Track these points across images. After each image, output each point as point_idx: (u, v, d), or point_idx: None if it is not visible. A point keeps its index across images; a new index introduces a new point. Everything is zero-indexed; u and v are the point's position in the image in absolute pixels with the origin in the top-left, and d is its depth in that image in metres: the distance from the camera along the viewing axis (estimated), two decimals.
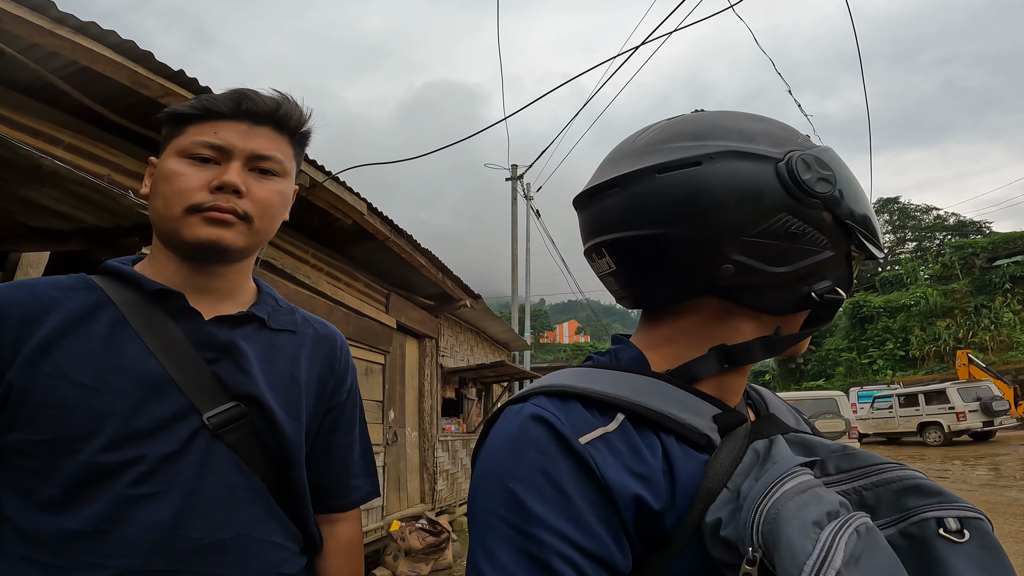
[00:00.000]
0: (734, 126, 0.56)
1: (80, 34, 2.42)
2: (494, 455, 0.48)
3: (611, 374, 0.53)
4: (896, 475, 0.48)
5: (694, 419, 0.52)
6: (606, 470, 0.45)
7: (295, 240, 4.59)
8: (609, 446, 0.47)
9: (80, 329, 0.74)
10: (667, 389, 0.53)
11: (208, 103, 0.81)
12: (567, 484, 0.45)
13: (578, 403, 0.49)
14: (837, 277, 0.57)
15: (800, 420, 0.67)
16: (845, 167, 0.58)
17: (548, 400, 0.49)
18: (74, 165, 2.48)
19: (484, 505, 0.46)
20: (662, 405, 0.51)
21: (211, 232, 0.77)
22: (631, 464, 0.47)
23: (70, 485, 0.69)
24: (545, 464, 0.45)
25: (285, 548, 0.81)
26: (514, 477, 0.45)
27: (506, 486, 0.45)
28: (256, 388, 0.79)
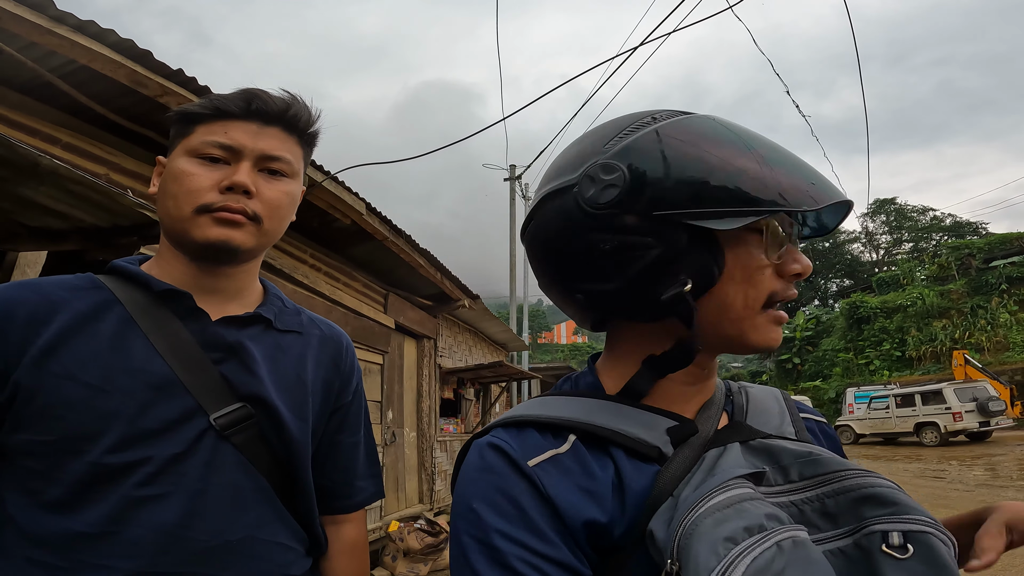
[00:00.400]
0: (558, 163, 0.60)
1: (79, 33, 2.41)
2: (461, 482, 0.54)
3: (567, 400, 0.57)
4: (855, 483, 0.46)
5: (644, 433, 0.54)
6: (551, 488, 0.49)
7: (293, 240, 4.58)
8: (557, 466, 0.51)
9: (87, 329, 0.73)
10: (618, 408, 0.56)
11: (218, 103, 0.81)
12: (522, 500, 0.49)
13: (533, 430, 0.54)
14: (692, 267, 0.52)
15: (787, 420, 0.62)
16: (657, 144, 0.53)
17: (504, 430, 0.54)
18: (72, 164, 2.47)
19: (456, 525, 0.51)
20: (611, 423, 0.54)
21: (221, 232, 0.77)
22: (579, 481, 0.51)
23: (76, 486, 0.68)
24: (501, 484, 0.50)
25: (291, 549, 0.80)
26: (476, 497, 0.51)
27: (471, 506, 0.50)
28: (263, 389, 0.79)
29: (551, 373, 16.24)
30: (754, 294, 0.54)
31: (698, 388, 0.60)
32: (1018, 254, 26.50)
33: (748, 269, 0.54)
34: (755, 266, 0.54)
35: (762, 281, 0.54)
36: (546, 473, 0.50)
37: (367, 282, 5.82)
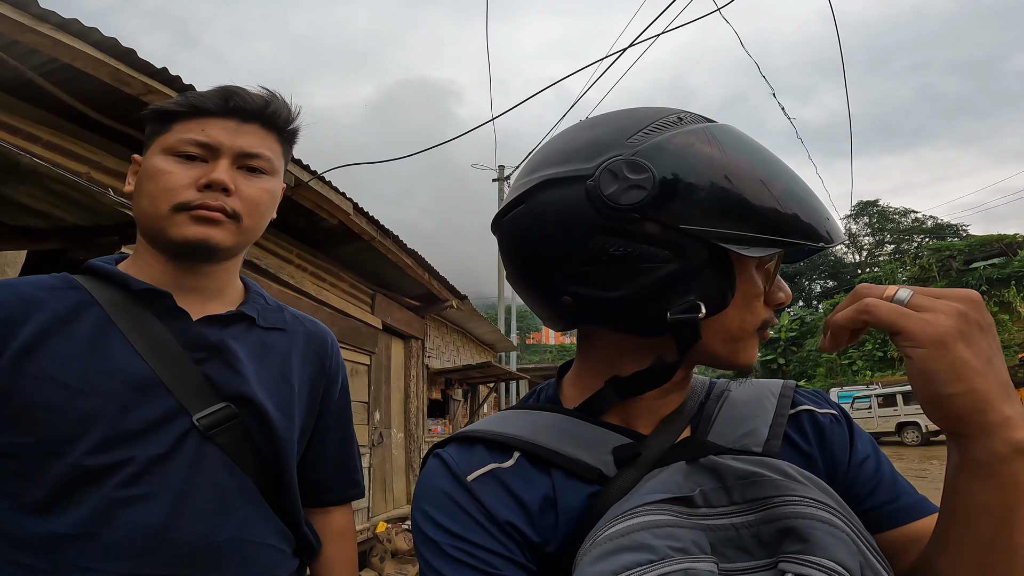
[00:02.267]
0: (561, 147, 0.54)
1: (61, 31, 2.39)
2: (417, 489, 0.57)
3: (521, 415, 0.59)
4: (782, 511, 0.44)
5: (585, 453, 0.54)
6: (486, 500, 0.52)
7: (279, 240, 4.55)
8: (496, 480, 0.53)
9: (65, 330, 0.72)
10: (569, 425, 0.57)
11: (195, 100, 0.80)
12: (465, 504, 0.53)
13: (482, 446, 0.56)
14: (704, 288, 0.50)
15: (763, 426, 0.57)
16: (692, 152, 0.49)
17: (455, 445, 0.57)
18: (53, 163, 2.44)
19: (414, 527, 0.55)
20: (554, 443, 0.55)
21: (199, 231, 0.76)
22: (516, 494, 0.53)
23: (56, 488, 0.68)
24: (447, 489, 0.54)
25: (278, 550, 0.80)
26: (427, 502, 0.54)
27: (423, 509, 0.54)
28: (248, 388, 0.78)
29: (539, 374, 16.24)
30: (751, 319, 0.53)
31: (665, 401, 0.59)
32: (998, 256, 27.00)
33: (748, 296, 0.53)
34: (754, 293, 0.53)
35: (758, 308, 0.54)
36: (482, 485, 0.53)
37: (354, 282, 5.79)
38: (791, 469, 0.48)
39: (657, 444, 0.55)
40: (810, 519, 0.42)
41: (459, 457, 0.55)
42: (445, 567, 0.50)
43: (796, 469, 0.48)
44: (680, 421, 0.58)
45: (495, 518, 0.52)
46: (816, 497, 0.44)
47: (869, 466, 0.58)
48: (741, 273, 0.52)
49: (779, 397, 0.60)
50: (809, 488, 0.46)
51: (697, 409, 0.60)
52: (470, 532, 0.51)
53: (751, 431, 0.57)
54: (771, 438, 0.56)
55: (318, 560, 0.91)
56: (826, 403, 0.62)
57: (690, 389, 0.62)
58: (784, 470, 0.48)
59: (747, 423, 0.58)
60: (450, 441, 0.58)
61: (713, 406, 0.60)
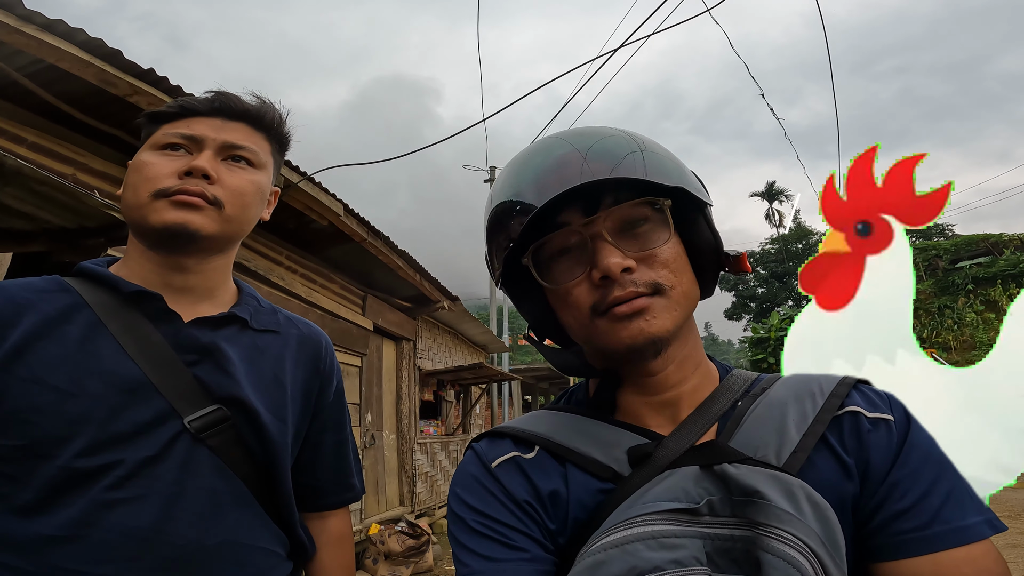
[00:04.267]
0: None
1: (46, 32, 2.37)
2: (453, 477, 0.64)
3: (547, 415, 0.64)
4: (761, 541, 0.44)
5: (599, 452, 0.58)
6: (507, 482, 0.59)
7: (269, 241, 4.53)
8: (516, 466, 0.59)
9: (54, 332, 0.72)
10: (587, 425, 0.61)
11: (184, 102, 0.82)
12: (489, 486, 0.59)
13: (510, 439, 0.62)
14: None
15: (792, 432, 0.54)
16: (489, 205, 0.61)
17: (487, 439, 0.64)
18: (38, 164, 2.42)
19: (448, 509, 0.61)
20: (570, 440, 0.59)
21: (178, 216, 0.75)
22: (533, 481, 0.58)
23: (45, 490, 0.67)
24: (476, 474, 0.61)
25: (272, 554, 0.79)
26: (459, 485, 0.62)
27: (455, 492, 0.61)
28: (240, 390, 0.78)
29: (531, 375, 16.25)
30: (576, 314, 0.57)
31: (665, 399, 0.59)
32: (984, 255, 27.34)
33: (557, 296, 0.59)
34: (562, 292, 0.57)
35: (575, 300, 0.56)
36: (504, 470, 0.59)
37: (345, 284, 5.77)
38: (799, 491, 0.47)
39: (674, 445, 0.55)
40: (777, 556, 0.43)
41: (488, 448, 0.62)
42: (470, 540, 0.56)
43: (805, 491, 0.47)
44: (703, 421, 0.57)
45: (514, 497, 0.57)
46: (799, 534, 0.44)
47: (913, 484, 0.51)
48: (547, 286, 0.59)
49: (828, 397, 0.56)
50: (799, 523, 0.45)
51: (729, 408, 0.58)
52: (492, 509, 0.57)
53: (781, 437, 0.53)
54: (798, 449, 0.52)
55: (315, 566, 0.90)
56: (884, 406, 0.56)
57: (721, 383, 0.61)
58: (791, 491, 0.47)
59: (778, 428, 0.54)
60: (483, 437, 0.65)
61: (748, 405, 0.57)
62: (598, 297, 0.54)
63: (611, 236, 0.54)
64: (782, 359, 2.16)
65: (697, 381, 0.60)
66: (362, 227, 4.84)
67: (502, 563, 0.54)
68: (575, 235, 0.55)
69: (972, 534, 0.49)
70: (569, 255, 0.56)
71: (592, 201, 0.55)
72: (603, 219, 0.54)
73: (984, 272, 25.90)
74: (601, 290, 0.54)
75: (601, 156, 0.53)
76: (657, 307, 0.54)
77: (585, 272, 0.55)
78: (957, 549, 0.48)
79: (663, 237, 0.56)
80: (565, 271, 0.56)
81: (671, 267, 0.56)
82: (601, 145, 0.54)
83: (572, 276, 0.56)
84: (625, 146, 0.55)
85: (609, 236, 0.54)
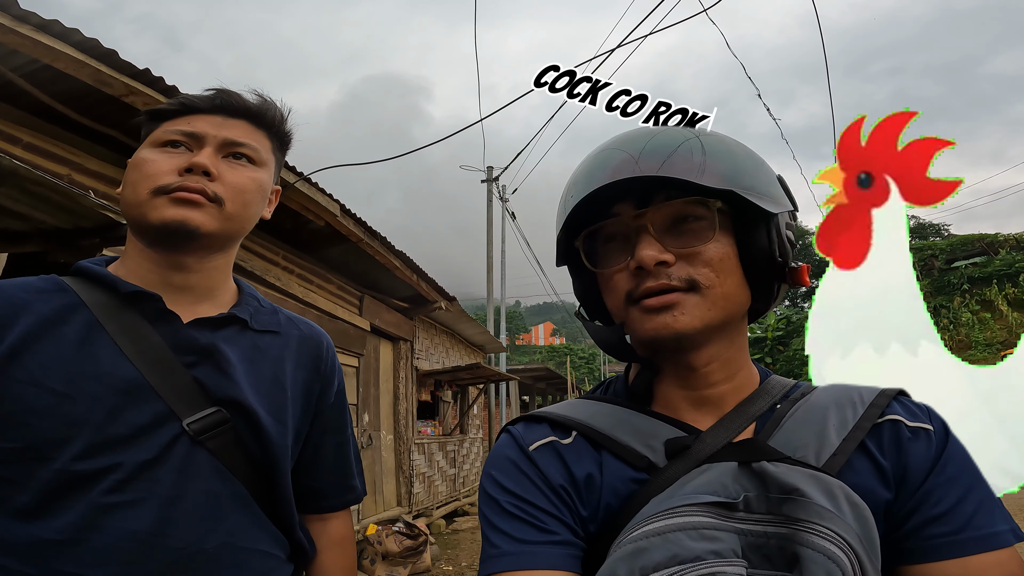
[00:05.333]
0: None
1: (42, 32, 2.36)
2: (488, 459, 0.64)
3: (586, 403, 0.65)
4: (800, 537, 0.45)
5: (635, 441, 0.59)
6: (543, 466, 0.59)
7: (265, 241, 4.53)
8: (552, 451, 0.60)
9: (51, 333, 0.71)
10: (625, 415, 0.62)
11: (184, 99, 0.81)
12: (526, 469, 0.59)
13: (547, 424, 0.63)
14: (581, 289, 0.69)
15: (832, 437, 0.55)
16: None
17: (522, 423, 0.64)
18: (33, 164, 2.41)
19: (480, 491, 0.62)
20: (607, 428, 0.60)
21: (177, 212, 0.75)
22: (569, 466, 0.59)
23: (44, 493, 0.66)
24: (512, 457, 0.61)
25: (272, 556, 0.79)
26: (494, 467, 0.62)
27: (489, 474, 0.61)
28: (239, 392, 0.77)
29: (529, 375, 16.25)
30: (615, 299, 0.61)
31: (704, 395, 0.60)
32: (979, 255, 27.46)
33: (604, 280, 0.62)
34: (607, 276, 0.61)
35: (616, 286, 0.60)
36: (541, 454, 0.60)
37: (342, 284, 5.77)
38: (839, 491, 0.48)
39: (711, 441, 0.56)
40: (817, 551, 0.44)
41: (525, 431, 0.62)
42: (501, 521, 0.57)
43: (845, 491, 0.48)
44: (741, 420, 0.59)
45: (550, 482, 0.58)
46: (839, 530, 0.45)
47: (948, 492, 0.53)
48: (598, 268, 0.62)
49: (868, 406, 0.57)
50: (837, 519, 0.46)
51: (767, 410, 0.60)
52: (527, 492, 0.57)
53: (821, 440, 0.55)
54: (838, 452, 0.53)
55: (315, 568, 0.90)
56: (924, 417, 0.58)
57: (761, 385, 0.63)
58: (831, 491, 0.48)
59: (819, 431, 0.55)
60: (520, 420, 0.65)
61: (787, 409, 0.59)
62: (633, 286, 0.57)
63: (655, 230, 0.57)
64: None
65: (740, 382, 0.62)
66: (359, 227, 4.83)
67: (533, 545, 0.55)
68: (624, 225, 0.59)
69: (1000, 540, 0.51)
70: (616, 243, 0.60)
71: (645, 195, 0.58)
72: (651, 213, 0.57)
73: (980, 272, 25.99)
74: (637, 279, 0.57)
75: (655, 154, 0.56)
76: (688, 303, 0.55)
77: (626, 261, 0.58)
78: (986, 554, 0.50)
79: (707, 236, 0.57)
80: (610, 258, 0.61)
81: (714, 266, 0.57)
82: (657, 142, 0.57)
83: (615, 263, 0.60)
84: (685, 146, 0.56)
85: (653, 229, 0.57)
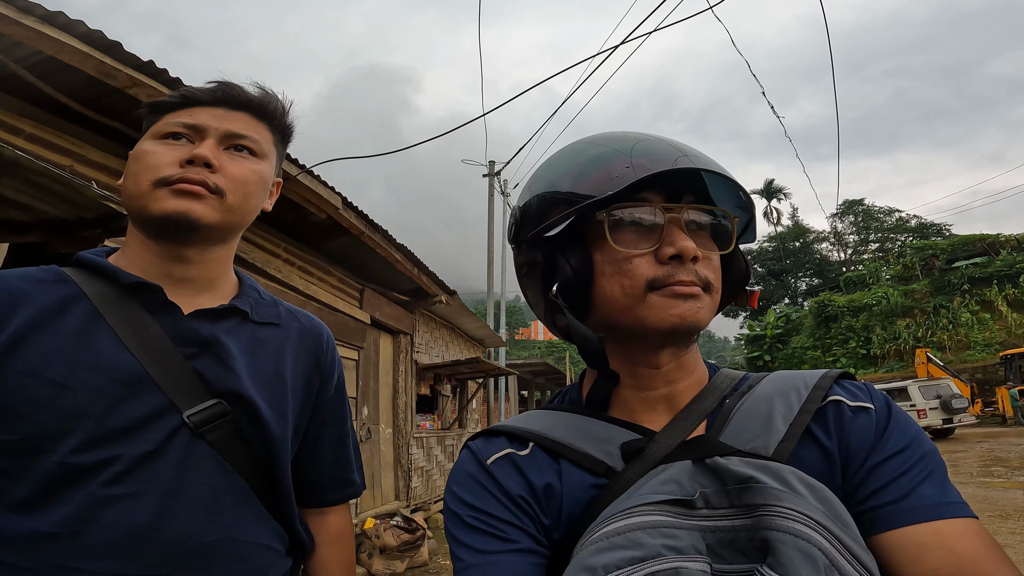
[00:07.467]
0: None
1: (46, 23, 2.36)
2: (449, 476, 0.65)
3: (541, 414, 0.66)
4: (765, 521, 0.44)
5: (592, 448, 0.59)
6: (501, 478, 0.60)
7: (266, 233, 4.53)
8: (511, 462, 0.61)
9: (51, 324, 0.71)
10: (580, 422, 0.63)
11: (186, 91, 0.81)
12: (484, 482, 0.61)
13: (504, 437, 0.64)
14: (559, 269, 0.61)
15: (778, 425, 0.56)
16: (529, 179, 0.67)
17: (482, 438, 0.65)
18: (36, 155, 2.42)
19: (444, 507, 0.63)
20: (564, 437, 0.61)
21: (179, 204, 0.74)
22: (528, 476, 0.60)
23: (42, 485, 0.66)
24: (471, 471, 0.62)
25: (271, 550, 0.79)
26: (455, 483, 0.63)
27: (451, 489, 0.63)
28: (240, 384, 0.77)
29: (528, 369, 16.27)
30: (628, 283, 0.57)
31: (659, 395, 0.62)
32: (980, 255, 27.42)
33: (616, 262, 0.58)
34: (622, 258, 0.58)
35: (634, 270, 0.57)
36: (499, 466, 0.61)
37: (342, 277, 5.78)
38: (791, 476, 0.48)
39: (666, 441, 0.57)
40: (784, 532, 0.43)
41: (483, 446, 0.64)
42: (463, 534, 0.58)
43: (798, 476, 0.49)
44: (693, 418, 0.60)
45: (509, 493, 0.59)
46: (802, 509, 0.45)
47: (893, 463, 0.53)
48: (601, 247, 0.60)
49: (812, 389, 0.58)
50: (800, 499, 0.46)
51: (717, 405, 0.61)
52: (487, 504, 0.59)
53: (767, 429, 0.56)
54: (786, 439, 0.54)
55: (314, 562, 0.90)
56: (865, 396, 0.58)
57: (708, 382, 0.64)
58: (783, 477, 0.48)
59: (765, 421, 0.56)
60: (479, 435, 0.66)
61: (735, 402, 0.60)
62: (661, 273, 0.57)
63: (685, 226, 0.59)
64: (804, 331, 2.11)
65: (693, 380, 0.63)
66: (360, 220, 4.84)
67: (495, 555, 0.55)
68: (652, 213, 0.59)
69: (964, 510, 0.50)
70: (638, 229, 0.59)
71: (674, 192, 0.60)
72: (684, 208, 0.59)
73: (980, 272, 25.94)
74: (666, 267, 0.57)
75: (700, 159, 0.59)
76: (704, 301, 0.58)
77: (652, 248, 0.58)
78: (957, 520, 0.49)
79: (722, 246, 0.61)
80: (630, 241, 0.58)
81: (717, 274, 0.60)
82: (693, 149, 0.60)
83: (637, 248, 0.58)
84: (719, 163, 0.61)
85: (684, 225, 0.59)
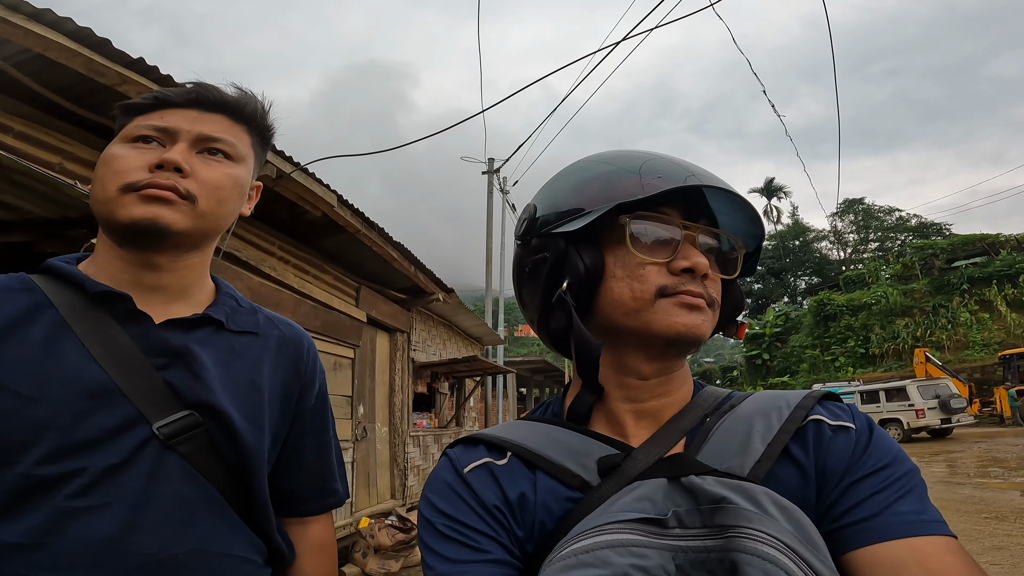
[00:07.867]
0: None
1: (34, 21, 2.34)
2: (425, 483, 0.65)
3: (522, 424, 0.66)
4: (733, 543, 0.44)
5: (569, 461, 0.59)
6: (477, 487, 0.60)
7: (261, 232, 4.51)
8: (487, 471, 0.60)
9: (16, 334, 0.69)
10: (559, 434, 0.63)
11: (159, 93, 0.79)
12: (460, 491, 0.60)
13: (483, 446, 0.63)
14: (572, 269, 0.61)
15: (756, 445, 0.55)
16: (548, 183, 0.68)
17: (461, 446, 0.65)
18: (24, 153, 2.39)
19: (418, 515, 0.63)
20: (541, 448, 0.61)
21: (147, 211, 0.72)
22: (503, 486, 0.59)
23: (6, 497, 0.65)
24: (448, 480, 0.62)
25: (248, 561, 0.78)
26: (431, 490, 0.62)
27: (426, 497, 0.62)
28: (212, 395, 0.75)
29: (526, 367, 16.28)
30: (639, 287, 0.59)
31: (645, 408, 0.62)
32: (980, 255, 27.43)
33: (629, 266, 0.60)
34: (635, 263, 0.60)
35: (646, 276, 0.59)
36: (476, 475, 0.60)
37: (338, 275, 5.76)
38: (764, 497, 0.48)
39: (643, 457, 0.57)
40: (751, 554, 0.43)
41: (461, 454, 0.63)
42: (436, 543, 0.58)
43: (771, 497, 0.48)
44: (672, 435, 0.60)
45: (484, 503, 0.58)
46: (772, 532, 0.44)
47: (871, 481, 0.53)
48: (615, 249, 0.61)
49: (793, 409, 0.58)
50: (771, 521, 0.45)
51: (698, 423, 0.61)
52: (461, 514, 0.58)
53: (745, 449, 0.55)
54: (763, 459, 0.54)
55: (295, 573, 0.88)
56: (846, 416, 0.58)
57: (692, 399, 0.64)
58: (756, 498, 0.48)
59: (744, 440, 0.56)
60: (458, 443, 0.66)
61: (715, 421, 0.59)
62: (672, 282, 0.59)
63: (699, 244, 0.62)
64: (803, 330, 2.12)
65: (679, 396, 0.64)
66: (356, 218, 4.81)
67: (466, 565, 0.55)
68: (669, 227, 0.61)
69: (943, 528, 0.50)
70: (656, 238, 0.61)
71: (691, 213, 0.63)
72: (700, 229, 0.62)
73: (980, 272, 25.95)
74: (677, 278, 0.59)
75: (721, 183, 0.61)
76: (708, 316, 0.60)
77: (666, 259, 0.60)
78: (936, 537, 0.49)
79: (726, 271, 0.65)
80: (647, 249, 0.61)
81: (719, 296, 0.63)
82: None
83: (653, 256, 0.60)
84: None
85: (697, 244, 0.62)
